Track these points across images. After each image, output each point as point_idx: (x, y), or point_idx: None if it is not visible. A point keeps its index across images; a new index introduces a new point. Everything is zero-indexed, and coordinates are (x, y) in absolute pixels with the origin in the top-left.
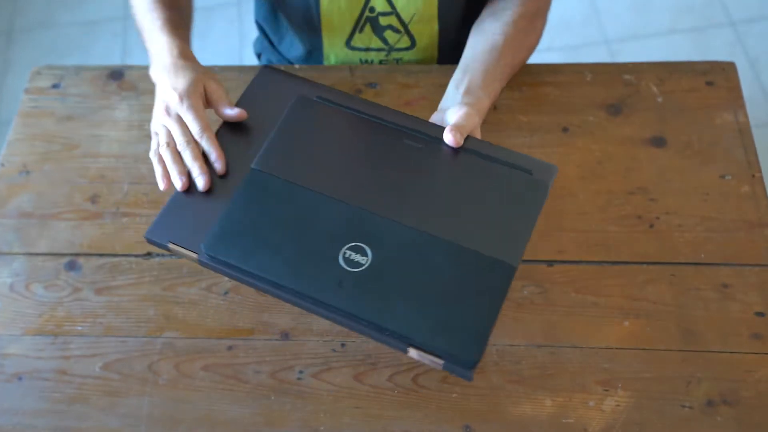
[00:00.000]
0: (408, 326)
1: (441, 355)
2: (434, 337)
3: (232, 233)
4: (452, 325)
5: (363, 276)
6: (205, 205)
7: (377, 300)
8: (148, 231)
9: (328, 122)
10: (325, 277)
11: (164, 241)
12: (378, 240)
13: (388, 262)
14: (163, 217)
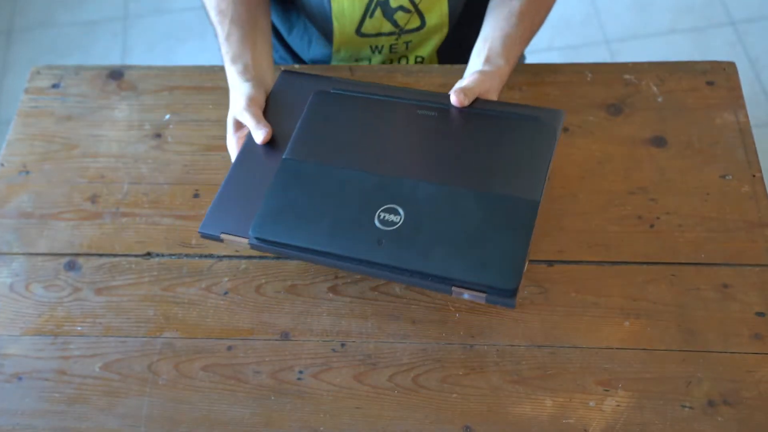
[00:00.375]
0: (449, 268)
1: (483, 289)
2: (475, 274)
3: (275, 215)
4: (489, 260)
5: (399, 232)
6: (247, 197)
7: (417, 251)
8: (201, 226)
9: (345, 108)
10: (365, 239)
11: (217, 233)
12: (407, 199)
13: (419, 216)
14: (211, 213)
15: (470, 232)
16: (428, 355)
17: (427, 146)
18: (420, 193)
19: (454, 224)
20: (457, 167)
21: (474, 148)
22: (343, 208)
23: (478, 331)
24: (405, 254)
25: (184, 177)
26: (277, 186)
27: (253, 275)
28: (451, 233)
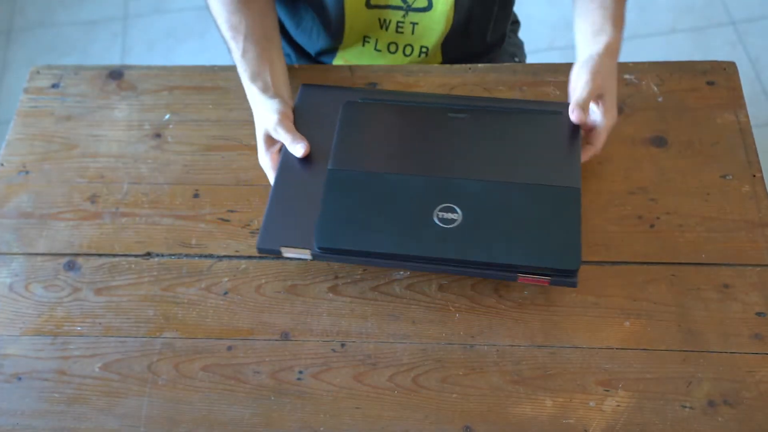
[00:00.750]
0: (514, 257)
1: (548, 273)
2: (539, 260)
3: (335, 224)
4: (549, 246)
5: (459, 229)
6: (296, 210)
7: (482, 244)
8: (259, 242)
9: (377, 115)
10: (428, 237)
11: (276, 247)
12: (460, 197)
13: (475, 212)
14: (266, 227)
15: (526, 222)
16: (428, 355)
17: (466, 146)
18: (471, 190)
19: (510, 216)
20: (500, 163)
21: (509, 144)
22: (401, 210)
23: (478, 331)
24: (471, 248)
25: (184, 177)
26: (330, 196)
27: (253, 275)
28: (510, 224)
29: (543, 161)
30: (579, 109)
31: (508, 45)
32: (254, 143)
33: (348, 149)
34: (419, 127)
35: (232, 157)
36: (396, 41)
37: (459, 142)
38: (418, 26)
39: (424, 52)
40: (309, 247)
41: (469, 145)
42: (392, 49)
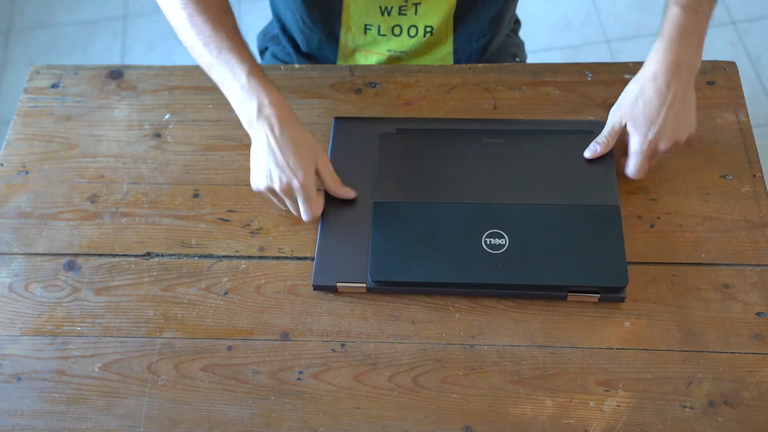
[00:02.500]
0: (564, 277)
1: (597, 291)
2: (588, 279)
3: (387, 256)
4: (597, 264)
5: (508, 253)
6: (345, 244)
7: (531, 267)
8: (315, 279)
9: (415, 145)
10: (480, 264)
11: (332, 283)
12: (506, 222)
13: (522, 235)
14: (319, 265)
15: (573, 242)
16: (428, 355)
17: (505, 171)
18: (516, 215)
19: (556, 237)
20: (540, 185)
21: (548, 167)
22: (450, 239)
23: (478, 331)
24: (521, 272)
25: (183, 177)
26: (379, 229)
27: (253, 275)
28: (557, 245)
29: (581, 181)
30: (594, 144)
31: (509, 45)
32: None
33: (390, 181)
34: (457, 155)
35: (232, 157)
36: (400, 23)
37: (498, 168)
38: (421, 6)
39: (429, 31)
40: (364, 281)
41: (508, 170)
42: (396, 32)
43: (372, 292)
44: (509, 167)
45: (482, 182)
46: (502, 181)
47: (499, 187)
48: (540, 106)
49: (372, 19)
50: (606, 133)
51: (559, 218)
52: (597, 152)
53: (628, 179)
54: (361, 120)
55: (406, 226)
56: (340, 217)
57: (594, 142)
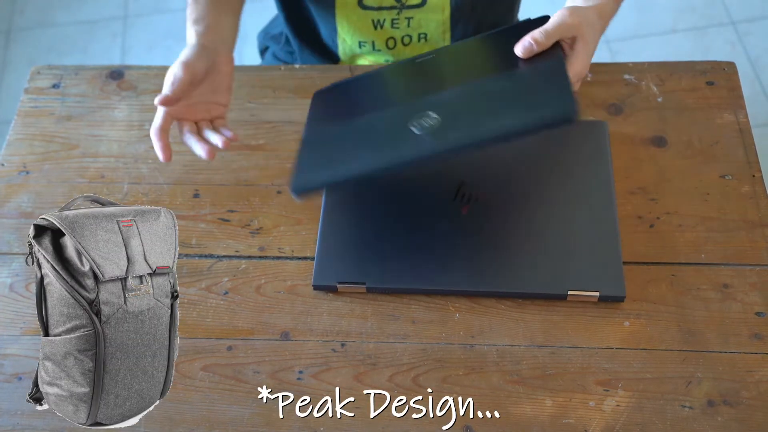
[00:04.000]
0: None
1: (596, 290)
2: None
3: (310, 168)
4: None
5: (441, 127)
6: (344, 245)
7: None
8: (315, 279)
9: (351, 88)
10: (408, 143)
11: (332, 283)
12: (436, 103)
13: (455, 116)
14: (319, 265)
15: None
16: (428, 355)
17: (441, 77)
18: (448, 97)
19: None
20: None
21: (486, 72)
22: (375, 133)
23: (478, 331)
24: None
25: (183, 177)
26: (305, 149)
27: (253, 275)
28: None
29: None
30: (529, 41)
31: None
32: (254, 143)
33: (324, 116)
34: (390, 75)
35: (232, 157)
36: (393, 36)
37: (431, 76)
38: (413, 20)
39: (423, 37)
40: (364, 281)
41: (443, 77)
42: (390, 44)
43: (372, 292)
44: (445, 74)
45: (414, 89)
46: (436, 91)
47: (433, 94)
48: None
49: (365, 36)
50: (551, 32)
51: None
52: (534, 50)
53: (628, 179)
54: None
55: (334, 138)
56: (340, 217)
57: (530, 38)
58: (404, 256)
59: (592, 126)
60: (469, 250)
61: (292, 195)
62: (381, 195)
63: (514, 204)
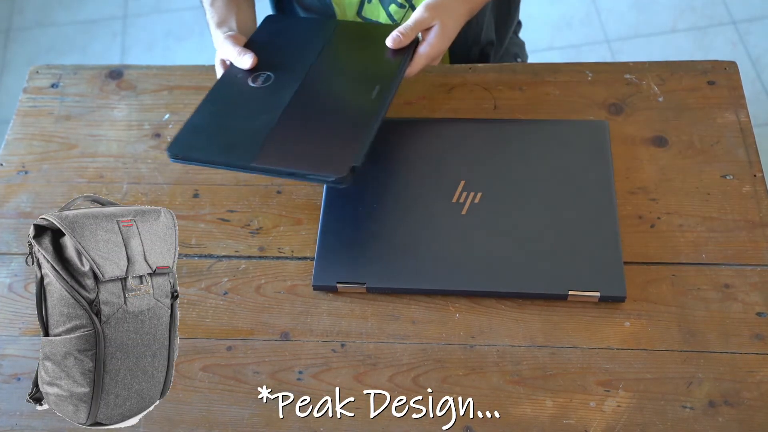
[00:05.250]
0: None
1: (597, 290)
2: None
3: (195, 134)
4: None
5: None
6: (345, 245)
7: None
8: (315, 279)
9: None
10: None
11: (332, 283)
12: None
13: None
14: (319, 265)
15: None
16: (428, 355)
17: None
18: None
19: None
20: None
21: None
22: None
23: (478, 331)
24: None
25: (183, 177)
26: (203, 109)
27: (253, 275)
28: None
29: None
30: (396, 33)
31: (511, 45)
32: None
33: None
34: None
35: None
36: None
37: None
38: None
39: None
40: (364, 281)
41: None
42: None
43: (372, 292)
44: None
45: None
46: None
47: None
48: (540, 106)
49: None
50: (413, 24)
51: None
52: (401, 41)
53: (629, 178)
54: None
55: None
56: (340, 217)
57: (397, 31)
58: (404, 256)
59: (592, 126)
60: (469, 250)
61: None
62: (381, 195)
63: (514, 204)
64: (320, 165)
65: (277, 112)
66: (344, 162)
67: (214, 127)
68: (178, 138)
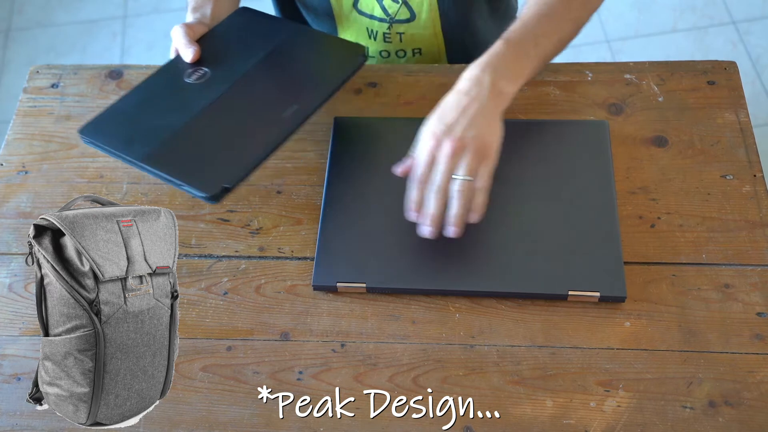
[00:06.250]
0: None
1: (597, 290)
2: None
3: (110, 121)
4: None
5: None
6: (345, 245)
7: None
8: (315, 279)
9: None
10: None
11: (332, 283)
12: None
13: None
14: (319, 265)
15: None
16: (428, 356)
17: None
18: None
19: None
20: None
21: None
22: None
23: (478, 331)
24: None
25: None
26: (127, 100)
27: (253, 275)
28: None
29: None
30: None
31: None
32: None
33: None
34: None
35: None
36: (386, 49)
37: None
38: (405, 35)
39: (418, 52)
40: (364, 281)
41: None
42: (384, 55)
43: (372, 292)
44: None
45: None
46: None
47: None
48: (540, 106)
49: (361, 40)
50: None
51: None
52: (404, 169)
53: (629, 178)
54: (361, 120)
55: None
56: (340, 217)
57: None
58: (404, 256)
59: (592, 126)
60: (469, 250)
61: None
62: (381, 195)
63: (514, 204)
64: (194, 179)
65: (191, 114)
66: (217, 181)
67: (129, 116)
68: (93, 121)
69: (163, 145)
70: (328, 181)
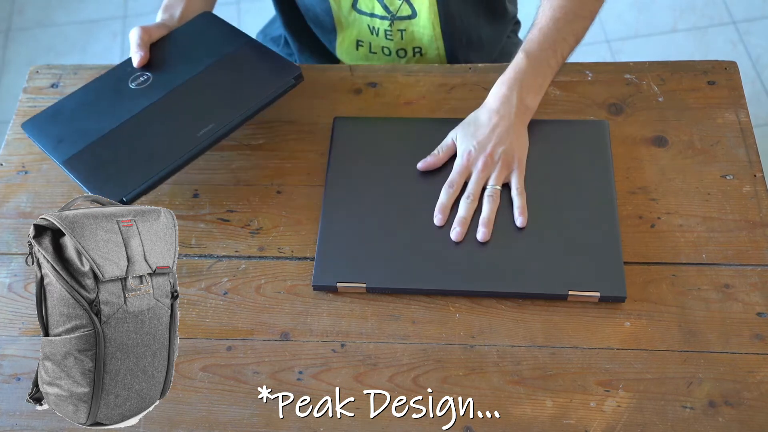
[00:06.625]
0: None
1: (597, 290)
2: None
3: (51, 119)
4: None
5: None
6: (344, 245)
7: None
8: (315, 279)
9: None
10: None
11: (332, 283)
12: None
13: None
14: (319, 265)
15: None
16: (428, 356)
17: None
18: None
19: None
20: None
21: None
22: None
23: (478, 331)
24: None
25: (183, 177)
26: (74, 97)
27: (253, 275)
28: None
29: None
30: (428, 156)
31: (509, 45)
32: (254, 143)
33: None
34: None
35: (232, 157)
36: (388, 46)
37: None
38: (406, 32)
39: (418, 51)
40: (364, 281)
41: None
42: (386, 52)
43: (372, 292)
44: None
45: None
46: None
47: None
48: (540, 106)
49: (363, 36)
50: (440, 146)
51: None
52: (429, 164)
53: (629, 178)
54: (361, 120)
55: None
56: (340, 217)
57: (430, 155)
58: (404, 256)
59: (592, 126)
60: (469, 250)
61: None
62: (381, 195)
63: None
64: (98, 188)
65: (118, 120)
66: (116, 193)
67: (66, 115)
68: (36, 116)
69: (85, 150)
70: (328, 181)
